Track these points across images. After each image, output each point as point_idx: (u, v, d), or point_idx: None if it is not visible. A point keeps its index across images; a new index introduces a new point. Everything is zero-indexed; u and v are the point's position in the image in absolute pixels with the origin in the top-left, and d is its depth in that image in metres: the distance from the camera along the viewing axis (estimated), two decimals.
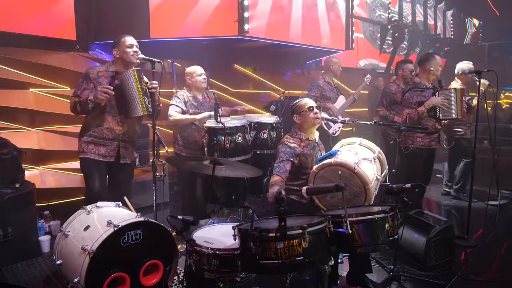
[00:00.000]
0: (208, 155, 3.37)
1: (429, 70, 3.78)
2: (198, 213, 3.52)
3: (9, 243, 3.11)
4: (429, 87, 3.80)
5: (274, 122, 3.76)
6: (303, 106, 2.91)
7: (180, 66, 5.30)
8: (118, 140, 3.04)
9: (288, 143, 2.84)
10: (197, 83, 3.68)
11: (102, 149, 3.00)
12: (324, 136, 4.24)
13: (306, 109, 2.88)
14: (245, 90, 6.16)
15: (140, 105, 2.86)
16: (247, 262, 1.88)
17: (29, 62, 4.02)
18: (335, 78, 4.86)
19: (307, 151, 2.87)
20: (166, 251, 2.48)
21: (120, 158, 3.07)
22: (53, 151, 4.25)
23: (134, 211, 2.76)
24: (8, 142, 3.37)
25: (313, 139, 2.96)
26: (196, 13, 4.34)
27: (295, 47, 5.37)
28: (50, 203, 4.19)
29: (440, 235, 3.10)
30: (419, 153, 3.82)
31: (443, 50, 10.53)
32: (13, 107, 3.94)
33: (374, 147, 2.97)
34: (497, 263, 3.28)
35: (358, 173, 2.51)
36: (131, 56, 2.94)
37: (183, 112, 3.58)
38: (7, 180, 3.25)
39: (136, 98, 2.84)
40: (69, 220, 2.62)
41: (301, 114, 2.91)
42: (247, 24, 4.33)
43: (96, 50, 4.48)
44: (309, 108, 2.88)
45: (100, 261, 2.20)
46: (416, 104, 3.73)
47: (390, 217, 2.05)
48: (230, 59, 5.92)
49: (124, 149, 3.10)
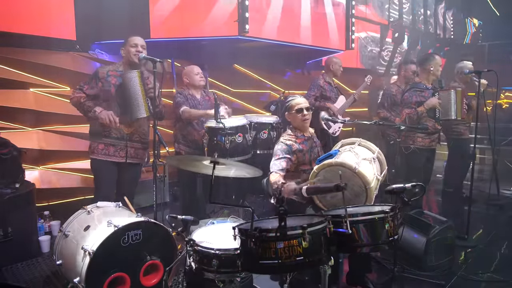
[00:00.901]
0: (208, 155, 3.37)
1: (429, 70, 3.78)
2: (198, 213, 3.52)
3: (9, 243, 3.11)
4: (428, 87, 3.80)
5: (274, 122, 3.76)
6: (293, 106, 2.94)
7: (180, 66, 5.30)
8: (126, 140, 3.06)
9: (285, 141, 2.87)
10: (195, 81, 3.68)
11: (111, 149, 3.04)
12: (324, 136, 4.24)
13: (295, 110, 2.91)
14: (245, 90, 6.15)
15: (143, 106, 2.87)
16: (247, 262, 1.88)
17: (29, 62, 4.02)
18: (335, 78, 4.86)
19: (303, 147, 2.89)
20: (166, 251, 2.48)
21: (128, 158, 3.09)
22: (53, 151, 4.25)
23: (134, 211, 2.76)
24: (8, 142, 3.36)
25: (308, 135, 2.98)
26: (196, 13, 4.34)
27: (295, 47, 5.37)
28: (50, 203, 4.19)
29: (440, 235, 3.10)
30: (420, 153, 3.82)
31: (443, 50, 10.53)
32: (13, 107, 3.94)
33: (374, 147, 2.97)
34: (497, 263, 3.27)
35: (359, 173, 2.51)
36: (133, 56, 2.98)
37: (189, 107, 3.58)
38: (7, 180, 3.25)
39: (139, 99, 2.84)
40: (69, 220, 2.63)
41: (291, 113, 2.95)
42: (247, 24, 4.33)
43: (96, 50, 4.47)
44: (298, 110, 2.91)
45: (100, 261, 2.20)
46: (415, 104, 3.73)
47: (390, 217, 2.05)
48: (230, 59, 5.92)
49: (133, 149, 3.12)
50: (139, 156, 3.20)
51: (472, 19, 12.50)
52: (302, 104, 2.91)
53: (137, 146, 3.16)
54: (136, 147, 3.15)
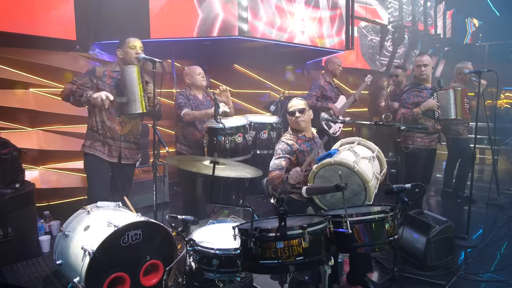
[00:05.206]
0: (208, 155, 3.37)
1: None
2: (198, 213, 3.52)
3: (9, 243, 3.11)
4: (427, 88, 3.80)
5: (274, 122, 3.76)
6: (288, 108, 2.99)
7: (180, 66, 5.30)
8: (120, 140, 3.06)
9: (286, 141, 2.89)
10: (197, 82, 3.68)
11: (107, 148, 3.03)
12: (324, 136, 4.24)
13: (288, 113, 2.97)
14: (245, 90, 6.16)
15: (139, 102, 2.85)
16: (247, 262, 1.88)
17: (29, 62, 4.02)
18: (335, 78, 4.86)
19: (304, 148, 2.90)
20: (166, 251, 2.48)
21: (122, 158, 3.09)
22: (53, 151, 4.25)
23: (134, 211, 2.76)
24: (8, 142, 3.36)
25: (309, 136, 2.99)
26: (196, 13, 4.33)
27: (295, 47, 5.37)
28: (50, 203, 4.19)
29: (440, 235, 3.10)
30: (419, 153, 3.82)
31: (443, 50, 10.53)
32: (13, 107, 3.94)
33: (373, 146, 2.97)
34: (497, 263, 3.28)
35: (357, 172, 2.51)
36: (133, 58, 2.99)
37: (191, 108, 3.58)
38: (7, 180, 3.25)
39: (136, 94, 2.83)
40: (69, 220, 2.63)
41: (288, 115, 3.01)
42: (246, 24, 4.33)
43: (96, 50, 4.47)
44: (289, 112, 2.96)
45: (100, 261, 2.20)
46: (412, 105, 3.74)
47: (390, 217, 2.05)
48: (230, 59, 5.92)
49: (127, 150, 3.12)
50: (133, 157, 3.20)
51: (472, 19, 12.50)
52: (294, 107, 2.94)
53: (131, 146, 3.16)
54: (130, 147, 3.15)
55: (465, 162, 4.85)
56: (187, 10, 4.34)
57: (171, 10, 4.33)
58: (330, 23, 5.74)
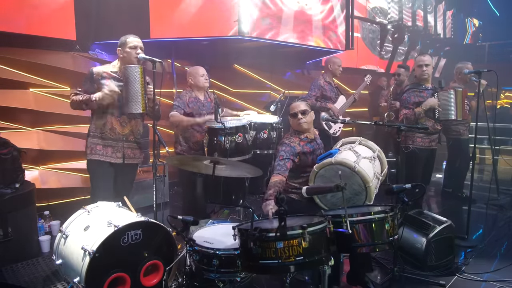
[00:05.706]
0: (208, 155, 3.37)
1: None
2: (198, 213, 3.51)
3: (9, 243, 3.11)
4: (428, 88, 3.80)
5: (274, 122, 3.76)
6: (290, 110, 2.97)
7: (180, 66, 5.30)
8: (122, 140, 3.06)
9: (289, 142, 2.86)
10: (199, 83, 3.67)
11: (109, 149, 3.03)
12: (324, 136, 4.24)
13: (290, 115, 2.96)
14: (245, 90, 6.16)
15: (140, 102, 2.85)
16: (247, 262, 1.88)
17: (29, 62, 4.03)
18: (335, 78, 4.86)
19: (307, 150, 2.89)
20: (166, 251, 2.48)
21: (126, 158, 3.09)
22: (53, 151, 4.26)
23: (134, 211, 2.76)
24: (8, 142, 3.36)
25: (311, 137, 2.98)
26: (196, 13, 4.34)
27: (295, 47, 5.37)
28: (50, 203, 4.20)
29: (440, 235, 3.10)
30: (419, 153, 3.82)
31: (443, 50, 10.53)
32: (13, 107, 3.94)
33: (374, 146, 2.97)
34: (497, 263, 3.28)
35: (358, 172, 2.51)
36: (134, 58, 2.98)
37: (185, 113, 3.57)
38: (7, 180, 3.25)
39: (138, 94, 2.83)
40: (69, 220, 2.62)
41: (289, 117, 2.99)
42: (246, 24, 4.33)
43: (96, 50, 4.48)
44: (292, 114, 2.95)
45: (100, 261, 2.20)
46: (413, 105, 3.73)
47: (390, 217, 2.06)
48: (230, 59, 5.92)
49: (130, 150, 3.12)
50: (136, 156, 3.20)
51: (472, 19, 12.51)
52: (295, 109, 2.92)
53: (133, 146, 3.16)
54: (133, 147, 3.15)
55: (465, 162, 4.86)
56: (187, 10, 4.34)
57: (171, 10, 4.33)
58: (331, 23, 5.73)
